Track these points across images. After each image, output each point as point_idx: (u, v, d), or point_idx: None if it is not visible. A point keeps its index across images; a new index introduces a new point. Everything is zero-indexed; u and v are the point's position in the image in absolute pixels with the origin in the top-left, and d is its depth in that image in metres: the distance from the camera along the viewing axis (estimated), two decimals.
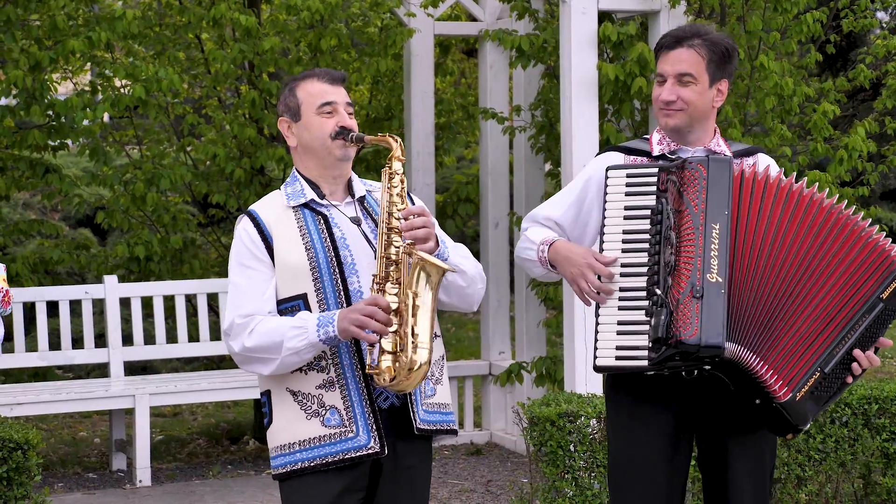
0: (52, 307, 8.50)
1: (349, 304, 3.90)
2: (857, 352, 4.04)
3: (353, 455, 3.89)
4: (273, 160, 8.68)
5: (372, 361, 3.83)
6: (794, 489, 6.57)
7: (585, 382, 7.07)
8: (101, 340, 8.70)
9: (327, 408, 3.91)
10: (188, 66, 9.62)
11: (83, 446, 9.22)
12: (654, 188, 4.05)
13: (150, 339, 8.73)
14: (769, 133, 7.68)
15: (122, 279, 8.86)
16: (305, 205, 4.01)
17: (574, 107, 7.09)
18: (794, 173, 4.07)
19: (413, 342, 3.78)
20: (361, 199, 4.09)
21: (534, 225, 4.37)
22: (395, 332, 3.80)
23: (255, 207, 4.05)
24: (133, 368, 9.76)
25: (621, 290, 4.04)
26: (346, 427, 3.90)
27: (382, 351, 3.80)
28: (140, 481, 7.96)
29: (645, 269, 4.02)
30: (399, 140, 3.96)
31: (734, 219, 3.98)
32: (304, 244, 3.94)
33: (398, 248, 3.85)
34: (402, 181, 3.92)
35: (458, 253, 4.05)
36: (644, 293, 4.00)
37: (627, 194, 4.08)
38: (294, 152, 4.10)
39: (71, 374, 10.60)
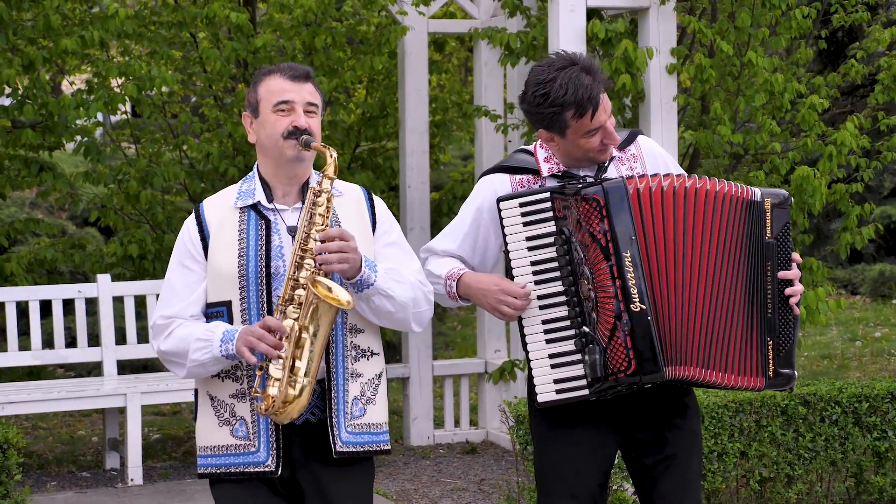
0: (46, 306, 8.49)
1: (272, 315, 3.81)
2: (788, 290, 4.04)
3: (251, 470, 3.85)
4: None
5: (260, 385, 3.76)
6: (783, 488, 6.52)
7: None
8: (95, 339, 8.69)
9: (237, 418, 3.87)
10: (184, 66, 9.63)
11: (80, 445, 9.23)
12: (550, 214, 4.02)
13: (143, 337, 8.72)
14: (760, 129, 7.62)
15: (117, 278, 8.84)
16: (253, 206, 3.90)
17: None
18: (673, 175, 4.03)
19: (290, 377, 3.71)
20: None
21: (433, 256, 4.28)
22: (284, 359, 3.72)
23: (205, 203, 3.98)
24: (134, 367, 9.76)
25: (544, 322, 4.03)
26: (249, 441, 3.85)
27: (270, 377, 3.73)
28: (132, 480, 7.95)
29: (564, 299, 4.01)
30: (335, 156, 3.82)
31: (642, 241, 3.96)
32: (238, 250, 3.85)
33: (308, 271, 3.75)
34: (328, 199, 3.79)
35: (391, 277, 3.85)
36: (568, 322, 4.01)
37: (525, 224, 4.05)
38: (256, 149, 3.98)
39: (73, 372, 10.62)
